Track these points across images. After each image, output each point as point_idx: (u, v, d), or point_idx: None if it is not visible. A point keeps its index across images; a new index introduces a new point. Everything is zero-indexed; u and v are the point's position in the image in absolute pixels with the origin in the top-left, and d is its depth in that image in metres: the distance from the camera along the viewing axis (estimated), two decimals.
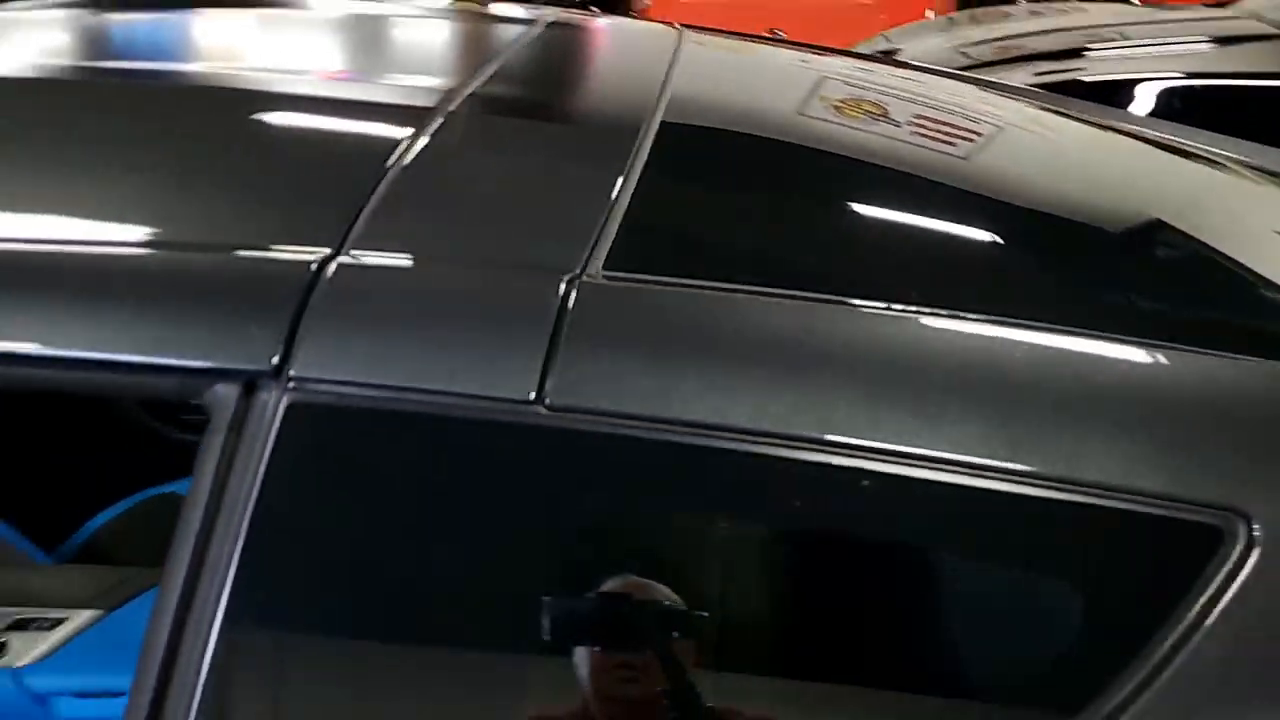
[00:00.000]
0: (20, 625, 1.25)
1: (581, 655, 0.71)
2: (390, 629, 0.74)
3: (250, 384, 0.70)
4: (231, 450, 0.70)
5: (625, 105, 1.20)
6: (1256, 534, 0.69)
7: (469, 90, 1.12)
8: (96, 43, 1.39)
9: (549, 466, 0.72)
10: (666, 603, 0.71)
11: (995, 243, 1.06)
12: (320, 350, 0.69)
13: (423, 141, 0.93)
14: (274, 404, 0.69)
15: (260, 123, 1.05)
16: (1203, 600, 0.68)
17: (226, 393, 0.70)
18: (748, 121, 1.22)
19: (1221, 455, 0.72)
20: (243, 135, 0.99)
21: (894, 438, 0.69)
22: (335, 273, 0.72)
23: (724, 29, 1.79)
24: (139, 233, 0.82)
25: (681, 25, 1.60)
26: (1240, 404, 0.76)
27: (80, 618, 1.20)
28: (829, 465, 0.69)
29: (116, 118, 1.02)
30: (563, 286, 0.73)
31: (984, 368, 0.75)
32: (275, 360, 0.69)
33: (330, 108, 1.09)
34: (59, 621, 1.19)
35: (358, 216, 0.78)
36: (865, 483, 0.70)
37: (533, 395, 0.68)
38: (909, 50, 3.46)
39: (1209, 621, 0.68)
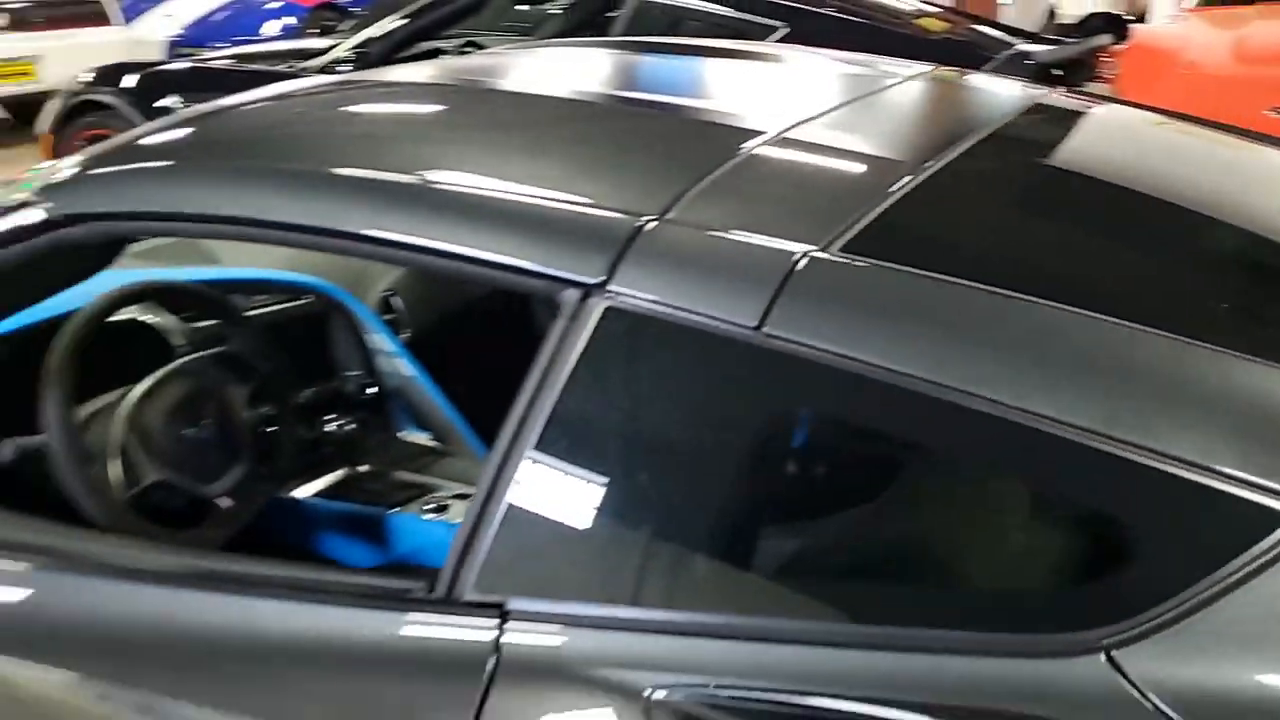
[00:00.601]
0: (461, 497, 1.72)
1: None
2: (650, 490, 1.01)
3: (586, 292, 0.99)
4: (563, 335, 1.00)
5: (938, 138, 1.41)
6: None
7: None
8: (597, 73, 1.83)
9: (764, 382, 0.97)
10: None
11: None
12: (632, 276, 0.99)
13: (742, 155, 1.21)
14: (597, 308, 0.98)
15: (688, 135, 1.39)
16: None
17: (570, 295, 1.00)
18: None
19: None
20: (667, 142, 1.36)
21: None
22: (653, 229, 1.03)
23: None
24: (574, 189, 1.15)
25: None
26: None
27: None
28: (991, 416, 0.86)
29: (600, 126, 1.46)
30: (801, 255, 0.96)
31: None
32: (602, 279, 0.99)
33: (692, 127, 1.43)
34: None
35: (679, 198, 1.07)
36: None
37: (754, 325, 0.92)
38: None
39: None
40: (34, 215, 1.24)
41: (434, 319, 2.15)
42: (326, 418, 1.83)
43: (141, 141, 1.39)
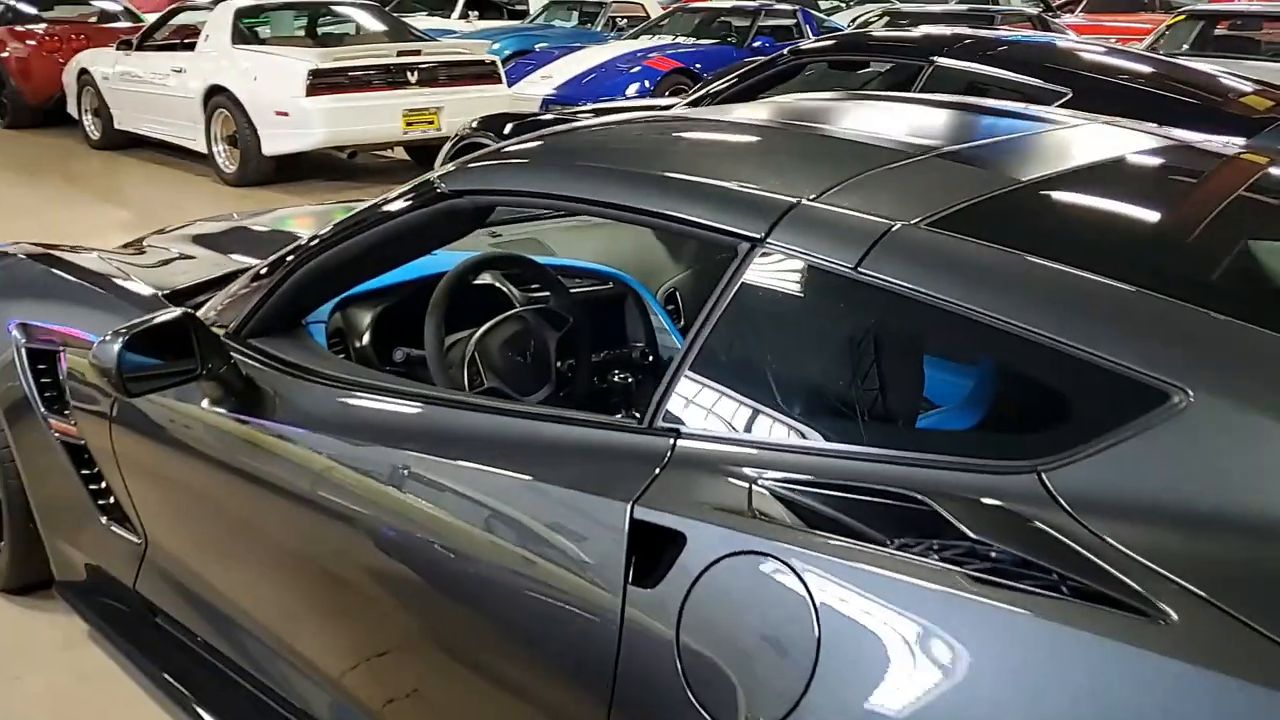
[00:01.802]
0: None
1: None
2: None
3: (751, 245, 1.45)
4: (735, 269, 1.45)
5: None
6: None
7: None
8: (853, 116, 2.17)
9: (858, 313, 1.41)
10: None
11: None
12: (784, 238, 1.44)
13: (880, 169, 1.61)
14: (752, 255, 1.45)
15: (869, 155, 1.75)
16: None
17: (743, 245, 1.47)
18: None
19: None
20: (859, 160, 1.71)
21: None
22: (801, 208, 1.47)
23: None
24: (767, 183, 1.59)
25: None
26: None
27: None
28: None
29: (818, 148, 1.90)
30: (896, 224, 1.39)
31: None
32: (762, 234, 1.45)
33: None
34: None
35: (826, 190, 1.50)
36: None
37: (852, 266, 1.36)
38: None
39: None
40: (434, 191, 1.91)
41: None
42: (613, 373, 2.43)
43: (503, 148, 2.03)
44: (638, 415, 1.46)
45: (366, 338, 2.24)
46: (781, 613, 1.17)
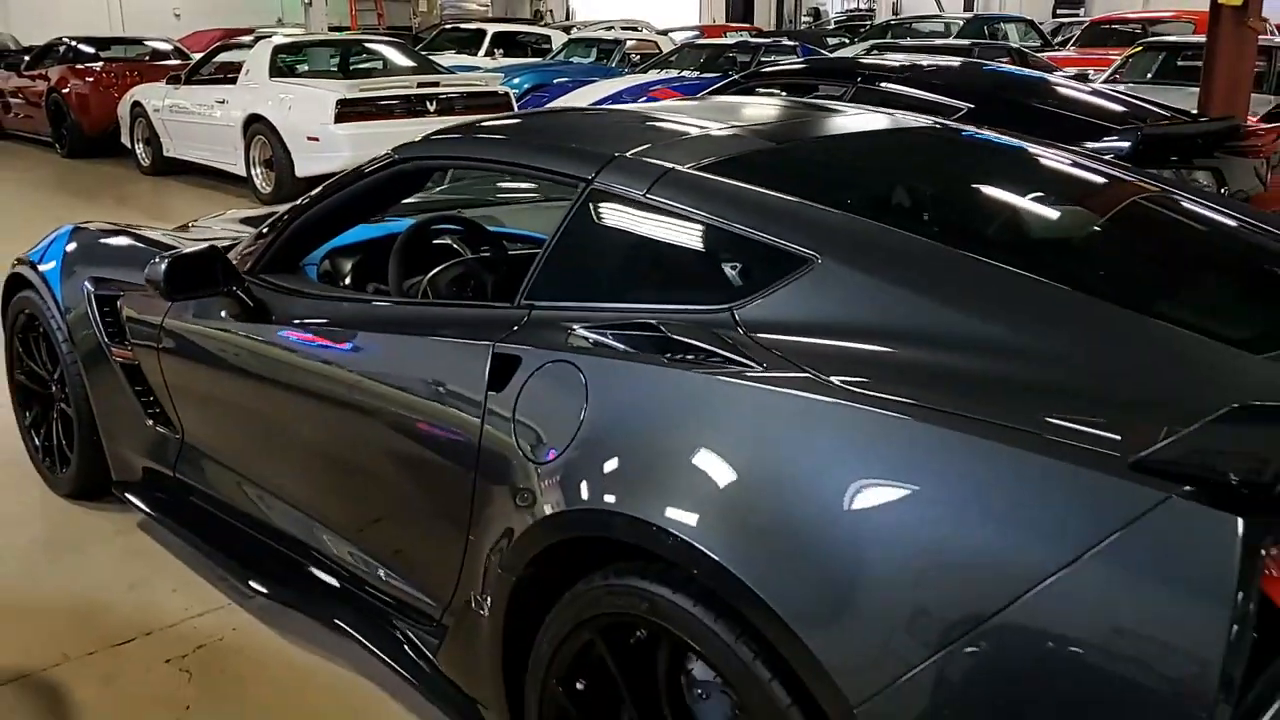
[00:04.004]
0: None
1: None
2: None
3: (585, 183, 2.16)
4: (571, 207, 2.15)
5: None
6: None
7: None
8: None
9: (647, 225, 2.11)
10: None
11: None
12: (605, 179, 2.14)
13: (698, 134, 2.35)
14: (584, 191, 2.16)
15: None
16: None
17: (579, 185, 2.18)
18: None
19: None
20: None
21: None
22: (617, 159, 2.16)
23: None
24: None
25: None
26: None
27: None
28: None
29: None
30: (671, 167, 2.13)
31: None
32: (591, 176, 2.15)
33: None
34: None
35: (636, 149, 2.18)
36: None
37: (642, 194, 2.08)
38: None
39: None
40: (389, 159, 2.64)
41: None
42: None
43: (437, 131, 2.74)
44: (511, 300, 2.17)
45: (348, 279, 2.99)
46: (569, 389, 1.87)
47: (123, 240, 3.46)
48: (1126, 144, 4.13)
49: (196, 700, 2.58)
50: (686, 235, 2.04)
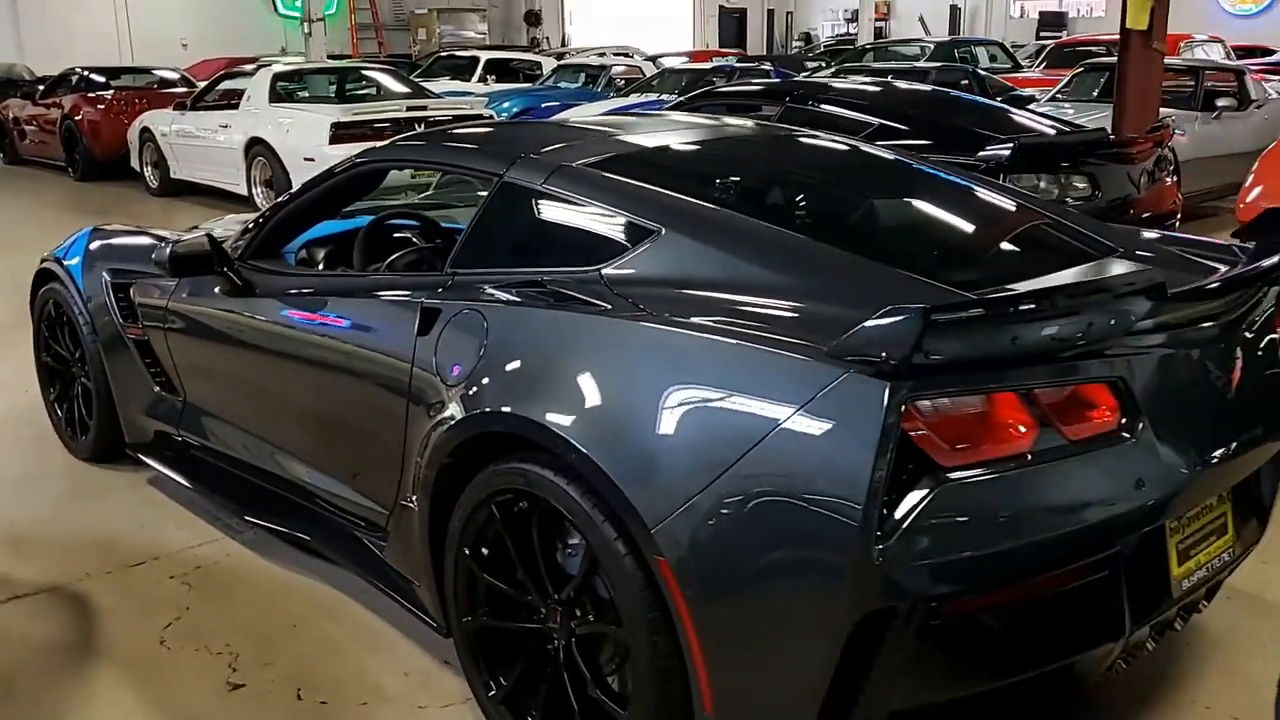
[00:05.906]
0: None
1: None
2: None
3: (497, 177, 2.79)
4: (485, 198, 2.80)
5: None
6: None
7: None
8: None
9: (544, 211, 2.82)
10: None
11: None
12: (512, 174, 2.82)
13: (611, 142, 3.28)
14: (496, 184, 2.80)
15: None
16: None
17: (492, 180, 2.82)
18: None
19: None
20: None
21: None
22: (522, 158, 2.77)
23: None
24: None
25: None
26: None
27: None
28: None
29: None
30: (563, 163, 2.79)
31: None
32: (502, 172, 2.79)
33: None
34: None
35: (541, 149, 2.93)
36: None
37: (539, 185, 2.76)
38: None
39: None
40: (351, 163, 3.25)
41: None
42: None
43: (395, 140, 3.36)
44: (440, 270, 2.78)
45: (321, 265, 3.60)
46: (474, 329, 2.48)
47: (135, 238, 4.09)
48: (1005, 153, 4.75)
49: (195, 603, 3.18)
50: (571, 215, 2.65)
